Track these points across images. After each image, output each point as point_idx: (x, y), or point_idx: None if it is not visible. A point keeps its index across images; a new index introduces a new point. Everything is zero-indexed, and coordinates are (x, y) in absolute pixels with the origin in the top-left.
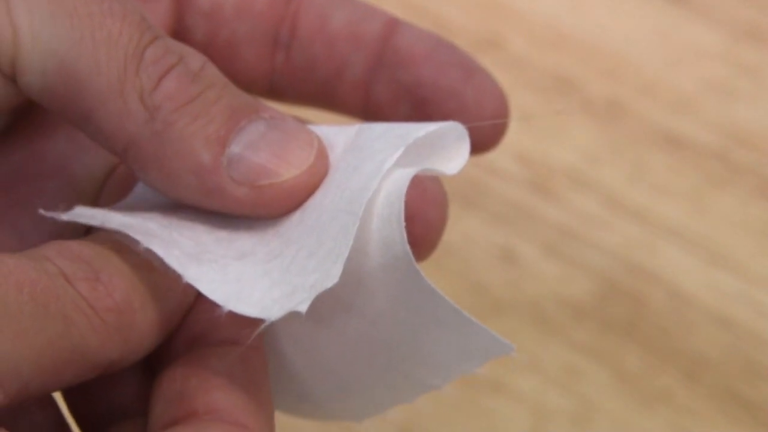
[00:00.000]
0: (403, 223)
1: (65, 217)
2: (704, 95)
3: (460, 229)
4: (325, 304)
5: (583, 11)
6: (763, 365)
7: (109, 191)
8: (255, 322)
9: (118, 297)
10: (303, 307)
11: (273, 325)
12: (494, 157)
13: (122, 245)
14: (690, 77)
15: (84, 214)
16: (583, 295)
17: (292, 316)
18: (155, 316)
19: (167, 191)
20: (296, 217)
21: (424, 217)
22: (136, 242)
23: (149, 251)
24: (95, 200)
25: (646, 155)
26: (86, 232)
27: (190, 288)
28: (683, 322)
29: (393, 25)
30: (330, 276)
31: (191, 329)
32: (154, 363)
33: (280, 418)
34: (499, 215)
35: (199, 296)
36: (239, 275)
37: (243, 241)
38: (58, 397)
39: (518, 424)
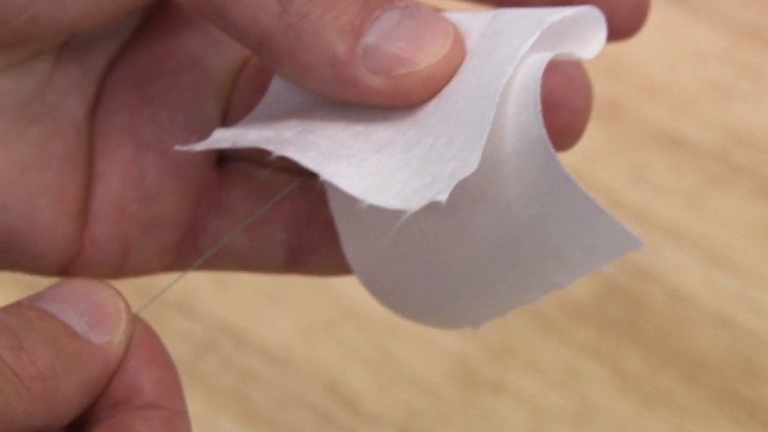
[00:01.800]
0: (540, 107)
1: (200, 147)
2: (704, 95)
3: None
4: (453, 195)
5: None
6: (763, 365)
7: (243, 83)
8: (177, 384)
9: (42, 365)
10: (443, 197)
11: (395, 222)
12: None
13: (46, 313)
14: (690, 77)
15: (220, 138)
16: (583, 295)
17: (420, 209)
18: (79, 383)
19: (302, 84)
20: (432, 105)
21: (570, 105)
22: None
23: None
24: (229, 92)
25: (646, 155)
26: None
27: (113, 353)
28: (683, 322)
29: None
30: (468, 164)
31: (115, 393)
32: (77, 428)
33: (279, 417)
34: None
35: (123, 360)
36: (378, 168)
37: (380, 132)
38: None
39: (518, 424)
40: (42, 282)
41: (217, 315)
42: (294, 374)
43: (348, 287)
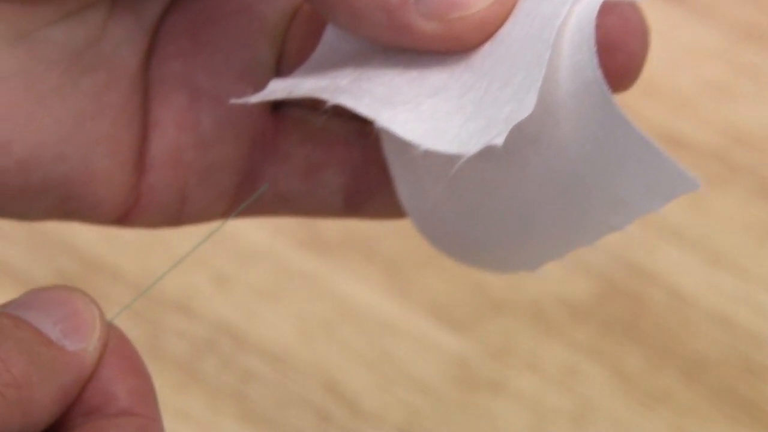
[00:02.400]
0: (594, 48)
1: (255, 99)
2: (704, 95)
3: None
4: (509, 138)
5: None
6: (763, 365)
7: (297, 28)
8: (151, 392)
9: (17, 372)
10: (499, 140)
11: (450, 167)
12: None
13: (20, 321)
14: (690, 77)
15: (275, 89)
16: (583, 295)
17: (475, 153)
18: (54, 390)
19: (356, 31)
20: (487, 48)
21: (626, 47)
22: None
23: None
24: (283, 37)
25: None
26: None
27: (87, 360)
28: (683, 322)
29: None
30: (524, 106)
31: (89, 401)
32: None
33: (279, 417)
34: None
35: (97, 368)
36: (433, 112)
37: (435, 77)
38: None
39: (518, 424)
40: (41, 281)
41: (216, 315)
42: (294, 374)
43: (348, 287)
